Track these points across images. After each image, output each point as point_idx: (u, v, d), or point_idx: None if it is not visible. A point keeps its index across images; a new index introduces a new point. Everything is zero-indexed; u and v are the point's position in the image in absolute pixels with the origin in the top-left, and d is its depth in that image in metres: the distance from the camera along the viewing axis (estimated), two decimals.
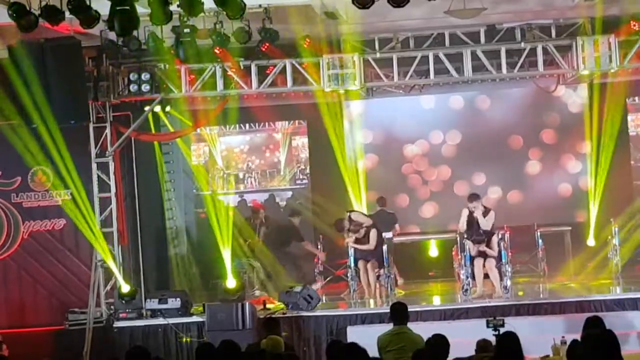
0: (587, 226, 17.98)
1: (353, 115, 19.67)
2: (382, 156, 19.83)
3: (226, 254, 16.15)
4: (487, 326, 10.37)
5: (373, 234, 16.40)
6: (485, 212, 15.59)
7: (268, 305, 15.45)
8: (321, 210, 18.99)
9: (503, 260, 15.32)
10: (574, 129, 19.29)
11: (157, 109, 16.12)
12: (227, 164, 25.23)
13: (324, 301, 16.16)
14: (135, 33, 13.38)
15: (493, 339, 9.39)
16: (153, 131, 16.75)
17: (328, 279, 17.98)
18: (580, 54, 15.35)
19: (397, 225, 18.05)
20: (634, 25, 15.50)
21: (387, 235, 17.04)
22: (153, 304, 15.36)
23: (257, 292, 17.17)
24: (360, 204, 18.32)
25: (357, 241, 16.41)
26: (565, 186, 19.56)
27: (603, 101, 18.15)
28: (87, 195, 15.86)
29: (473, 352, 9.55)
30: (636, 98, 21.26)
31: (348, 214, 16.88)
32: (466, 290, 15.36)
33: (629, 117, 20.44)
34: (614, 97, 18.20)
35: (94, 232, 15.65)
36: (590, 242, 17.62)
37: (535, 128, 19.59)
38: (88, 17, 11.97)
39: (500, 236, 15.48)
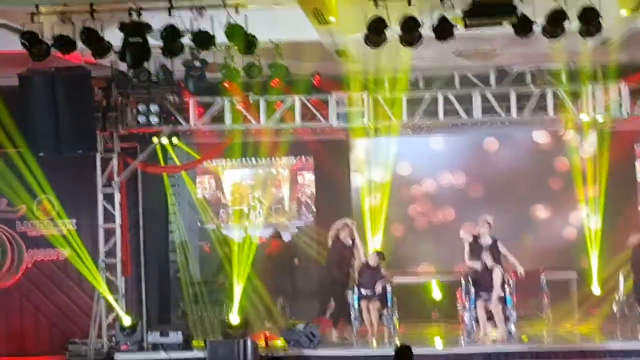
0: (591, 273, 17.84)
1: (360, 154, 19.63)
2: (388, 195, 19.73)
3: (237, 290, 16.05)
4: None
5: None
6: (494, 243, 15.86)
7: (270, 342, 15.34)
8: (326, 247, 18.87)
9: (508, 305, 15.22)
10: (581, 174, 19.20)
11: (165, 141, 16.11)
12: (232, 198, 25.14)
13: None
14: (145, 64, 13.39)
15: None
16: (161, 163, 16.72)
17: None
18: (591, 100, 15.34)
19: None
20: None
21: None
22: (154, 337, 15.29)
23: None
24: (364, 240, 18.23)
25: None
26: (571, 231, 19.46)
27: (611, 147, 18.11)
28: (90, 226, 15.85)
29: None
30: None
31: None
32: (470, 334, 15.24)
33: (637, 163, 20.37)
34: (622, 143, 18.18)
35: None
36: (595, 289, 17.48)
37: (543, 171, 19.52)
38: (100, 47, 12.00)
39: (505, 279, 15.40)
